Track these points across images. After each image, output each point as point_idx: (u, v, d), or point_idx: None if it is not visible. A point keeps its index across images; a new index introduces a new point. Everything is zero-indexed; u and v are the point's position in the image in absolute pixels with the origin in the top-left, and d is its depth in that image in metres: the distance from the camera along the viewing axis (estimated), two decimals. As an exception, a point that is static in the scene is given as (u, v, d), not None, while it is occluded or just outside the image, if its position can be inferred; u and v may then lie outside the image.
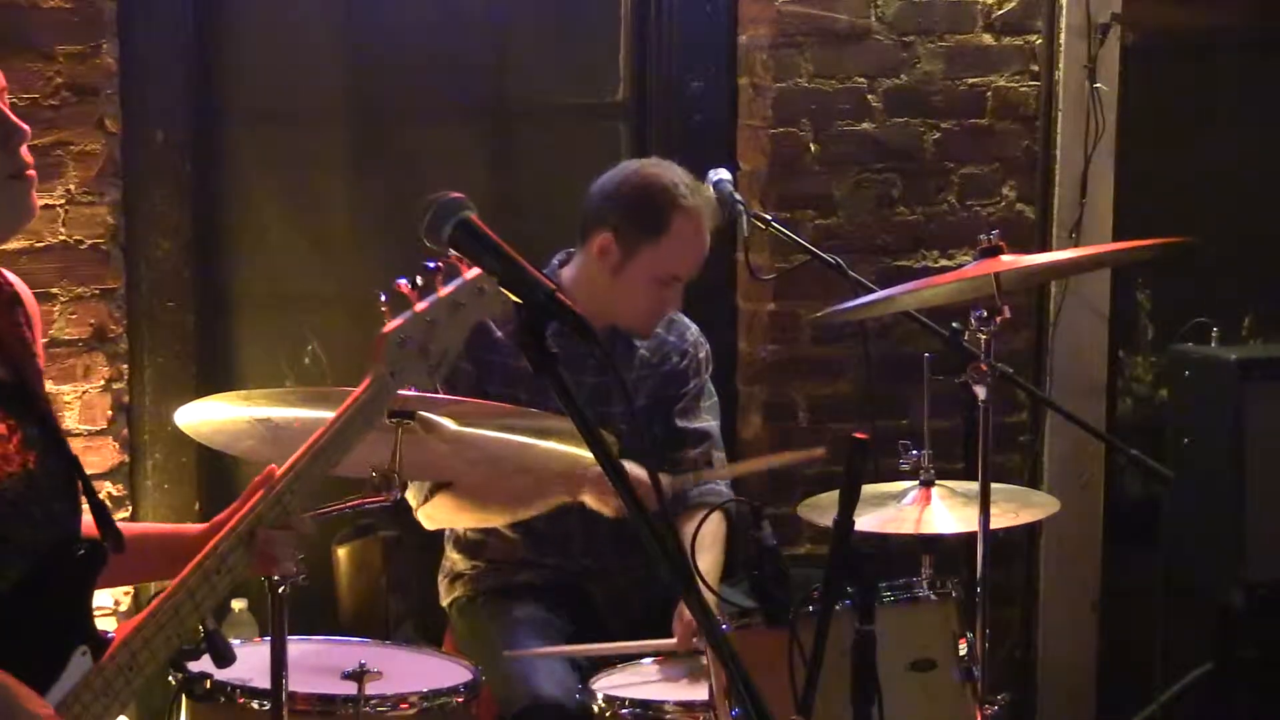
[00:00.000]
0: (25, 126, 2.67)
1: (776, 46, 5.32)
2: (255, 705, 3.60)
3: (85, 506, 2.81)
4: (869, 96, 5.42)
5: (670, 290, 4.35)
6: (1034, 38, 5.50)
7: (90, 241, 4.89)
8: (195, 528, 2.94)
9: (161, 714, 3.81)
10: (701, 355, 4.58)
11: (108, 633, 2.70)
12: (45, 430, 2.74)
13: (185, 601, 2.70)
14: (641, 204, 4.32)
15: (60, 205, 4.84)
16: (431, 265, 2.88)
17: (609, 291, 4.35)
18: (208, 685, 3.61)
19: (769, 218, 4.60)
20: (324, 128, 5.35)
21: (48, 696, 2.57)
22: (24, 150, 2.67)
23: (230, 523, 2.78)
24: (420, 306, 2.88)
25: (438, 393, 3.16)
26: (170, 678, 3.67)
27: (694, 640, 3.95)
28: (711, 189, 4.40)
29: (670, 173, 4.36)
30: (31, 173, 2.67)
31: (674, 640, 4.05)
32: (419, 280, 2.89)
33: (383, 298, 2.89)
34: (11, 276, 2.87)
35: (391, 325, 2.87)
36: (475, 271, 2.89)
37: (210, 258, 5.21)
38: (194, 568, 2.71)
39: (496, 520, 4.44)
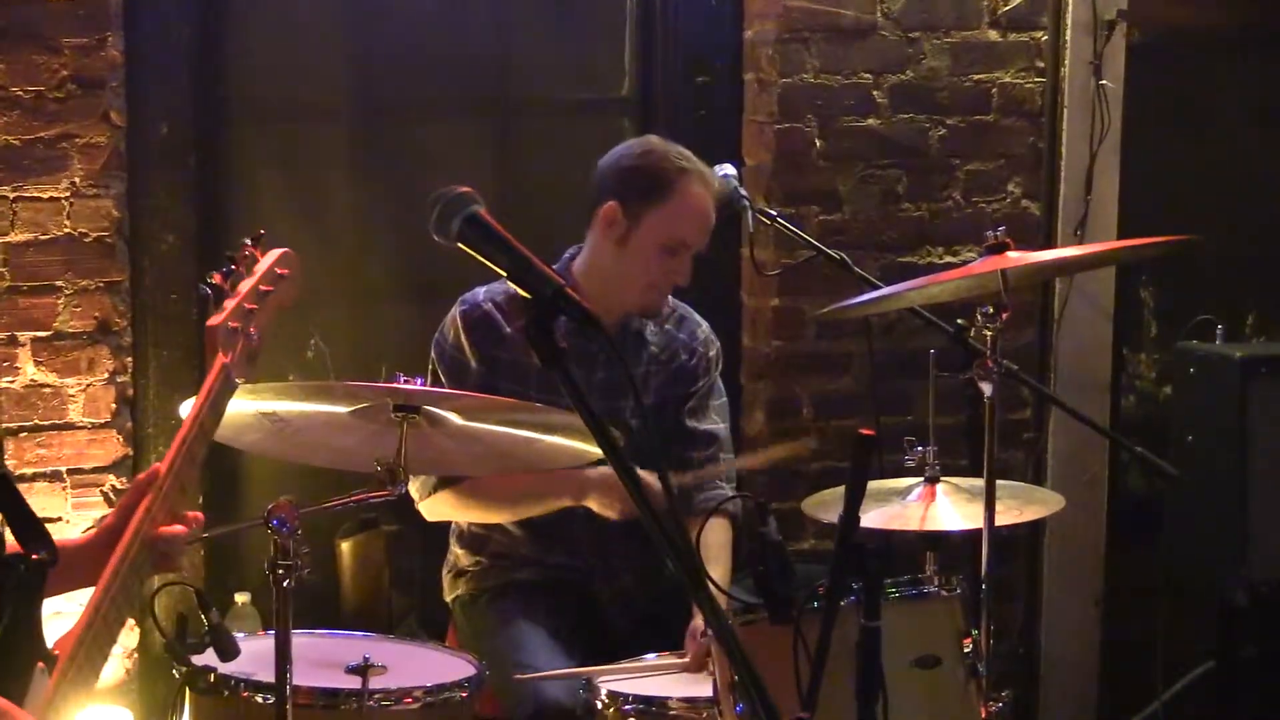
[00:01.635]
0: None
1: (782, 42, 5.33)
2: (259, 699, 3.59)
3: None
4: (874, 92, 5.42)
5: (678, 260, 4.34)
6: (1039, 34, 5.50)
7: (95, 234, 4.89)
8: (82, 538, 2.95)
9: (165, 707, 3.81)
10: (712, 353, 4.56)
11: (53, 649, 2.71)
12: None
13: (111, 610, 2.73)
14: (644, 170, 4.33)
15: (65, 198, 4.84)
16: (233, 256, 2.95)
17: (617, 265, 4.34)
18: (211, 679, 3.63)
19: (774, 213, 4.60)
20: (329, 122, 5.35)
21: None
22: None
23: (130, 526, 2.79)
24: (236, 297, 2.93)
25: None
26: (174, 671, 3.67)
27: (707, 659, 3.94)
28: (720, 180, 4.41)
29: (669, 143, 4.40)
30: None
31: (685, 659, 4.05)
32: (229, 269, 2.93)
33: (204, 289, 2.94)
34: None
35: (219, 316, 2.92)
36: (270, 259, 2.95)
37: (214, 252, 5.19)
38: (112, 577, 2.73)
39: (499, 518, 4.43)
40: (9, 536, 2.79)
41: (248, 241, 2.93)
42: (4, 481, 2.78)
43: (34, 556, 2.74)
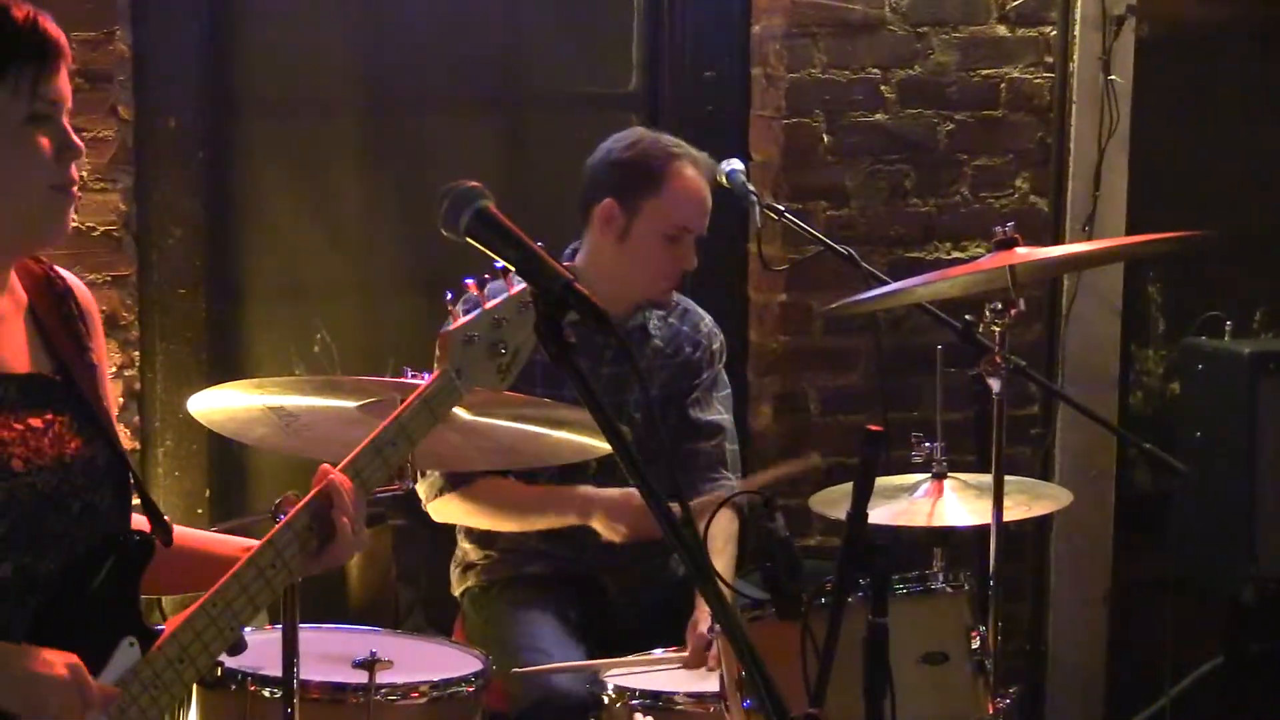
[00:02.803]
0: (82, 146, 2.67)
1: (790, 37, 5.32)
2: (266, 693, 3.60)
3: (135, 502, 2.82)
4: (882, 87, 5.42)
5: (681, 246, 4.34)
6: (1048, 29, 5.49)
7: (103, 228, 4.89)
8: (242, 543, 2.92)
9: (169, 710, 3.80)
10: (715, 346, 4.57)
11: (158, 626, 2.70)
12: (89, 424, 2.74)
13: (238, 596, 2.69)
14: (636, 161, 4.33)
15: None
16: (501, 265, 2.88)
17: (620, 261, 4.35)
18: (219, 672, 3.63)
19: (781, 208, 4.61)
20: (337, 117, 5.35)
21: None
22: (74, 168, 2.66)
23: (287, 517, 2.77)
24: (490, 304, 2.88)
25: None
26: (180, 664, 3.68)
27: (706, 655, 3.95)
28: (722, 172, 4.42)
29: (655, 133, 4.43)
30: (75, 190, 2.67)
31: (684, 654, 4.05)
32: (486, 278, 2.88)
33: (449, 296, 2.89)
34: (65, 273, 2.88)
35: (456, 323, 2.86)
36: None
37: (222, 246, 5.22)
38: (247, 563, 2.70)
39: (505, 527, 4.43)
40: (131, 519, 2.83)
41: (469, 241, 2.87)
42: (126, 465, 2.80)
43: (145, 533, 2.75)
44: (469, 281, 2.89)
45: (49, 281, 2.83)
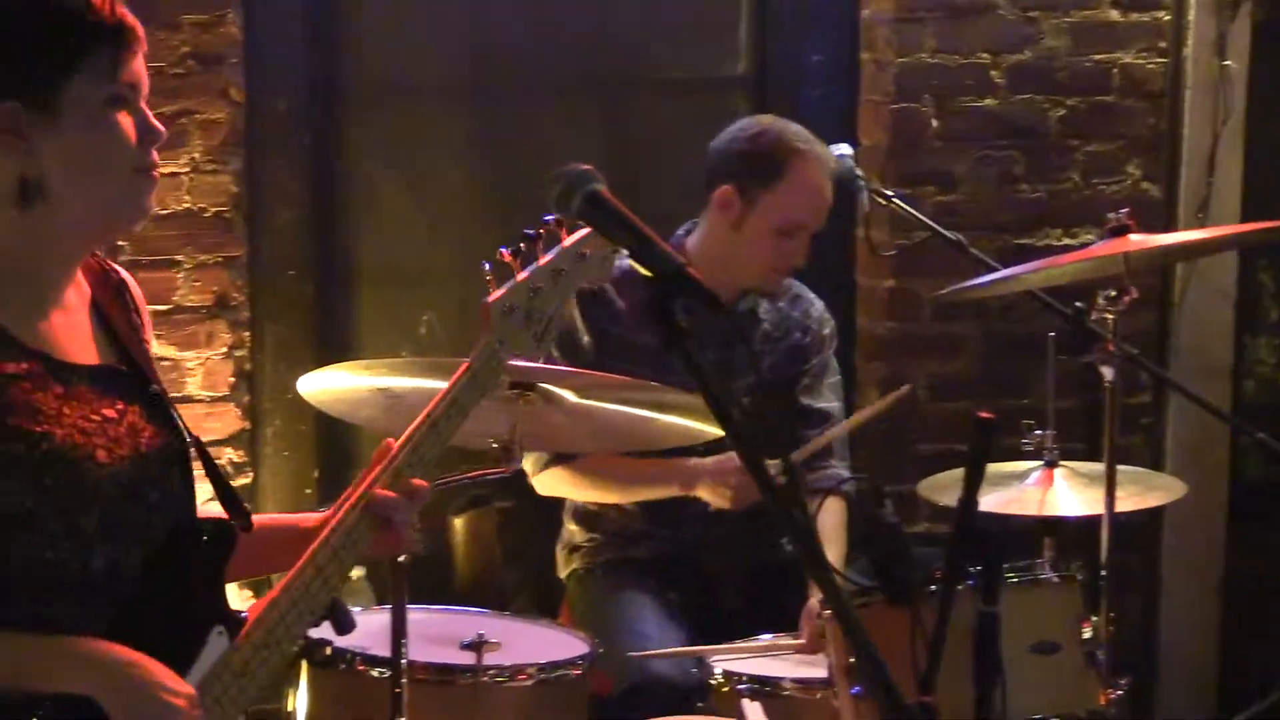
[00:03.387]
0: (162, 130, 2.68)
1: (899, 21, 5.30)
2: (375, 673, 3.61)
3: (198, 488, 2.83)
4: (992, 72, 5.38)
5: (794, 241, 4.32)
6: (1162, 14, 5.44)
7: (214, 209, 4.94)
8: (314, 516, 2.93)
9: (281, 679, 3.83)
10: (826, 331, 4.55)
11: (241, 612, 2.70)
12: (159, 413, 2.76)
13: (315, 578, 2.69)
14: (758, 152, 4.31)
15: (185, 173, 4.90)
16: (531, 233, 2.87)
17: (733, 248, 4.33)
18: (327, 652, 3.66)
19: (889, 194, 4.58)
20: (444, 100, 5.38)
21: (188, 677, 2.58)
22: (154, 152, 2.68)
23: (352, 498, 2.78)
24: (523, 275, 2.86)
25: (543, 361, 3.14)
26: (290, 643, 3.70)
27: (823, 640, 3.93)
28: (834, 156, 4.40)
29: (784, 123, 4.38)
30: (156, 174, 2.68)
31: (800, 641, 4.04)
32: (521, 247, 2.87)
33: (486, 267, 2.88)
34: (117, 266, 2.89)
35: (496, 294, 2.85)
36: (575, 237, 2.89)
37: (330, 228, 5.26)
38: (321, 544, 2.70)
39: (610, 499, 4.45)
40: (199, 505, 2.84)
41: (549, 218, 2.88)
42: (201, 449, 2.82)
43: (225, 521, 2.76)
44: (504, 250, 2.88)
45: (105, 274, 2.83)
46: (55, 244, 2.66)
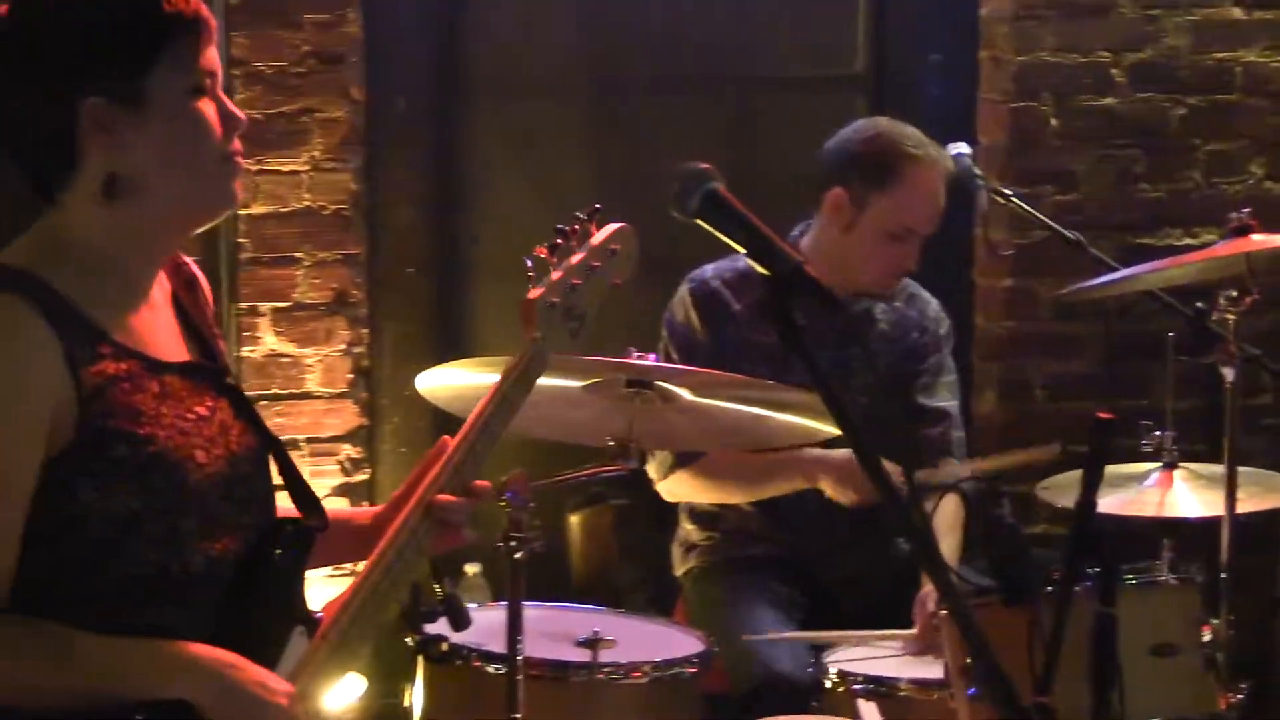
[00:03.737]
0: (243, 117, 2.69)
1: (1018, 19, 5.28)
2: (491, 669, 3.63)
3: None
4: (1113, 70, 5.35)
5: (905, 245, 4.31)
6: (1287, 12, 5.39)
7: (333, 207, 4.98)
8: (370, 512, 2.95)
9: (398, 674, 3.86)
10: (942, 331, 4.53)
11: (316, 613, 2.71)
12: (243, 410, 2.76)
13: (383, 580, 2.70)
14: (870, 155, 4.29)
15: (305, 171, 4.94)
16: (564, 229, 2.89)
17: (844, 250, 4.32)
18: (444, 647, 3.65)
19: (1008, 193, 4.54)
20: (563, 98, 5.40)
21: None
22: (237, 139, 2.68)
23: (414, 497, 2.79)
24: (559, 271, 2.88)
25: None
26: (408, 639, 3.72)
27: (934, 632, 3.91)
28: (949, 156, 4.37)
29: (899, 127, 4.35)
30: (240, 160, 2.69)
31: (913, 631, 4.03)
32: (557, 244, 2.89)
33: (528, 264, 2.89)
34: (187, 259, 2.87)
35: (536, 291, 2.87)
36: (605, 233, 2.90)
37: (449, 225, 5.28)
38: (388, 544, 2.71)
39: (736, 498, 4.45)
40: (280, 502, 2.84)
41: (580, 215, 2.91)
42: (279, 446, 2.83)
43: (304, 520, 2.77)
44: (541, 248, 2.89)
45: (177, 267, 2.82)
46: (145, 238, 2.64)
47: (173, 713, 2.49)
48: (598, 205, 2.88)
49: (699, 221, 2.53)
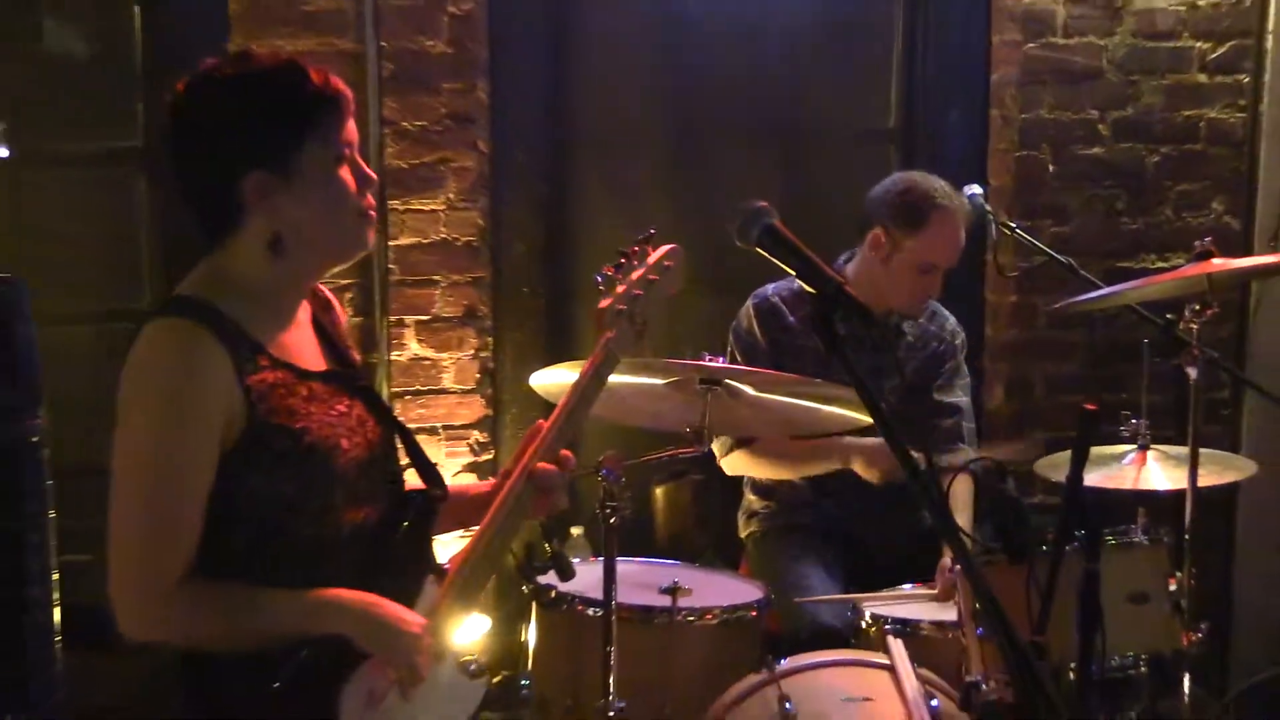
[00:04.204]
0: (375, 177, 2.70)
1: (1023, 84, 5.25)
2: (590, 612, 3.65)
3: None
4: (1099, 125, 5.31)
5: (931, 277, 4.30)
6: (1243, 77, 5.34)
7: (464, 239, 4.99)
8: (486, 484, 2.97)
9: (515, 617, 3.88)
10: (958, 341, 4.52)
11: (444, 564, 2.75)
12: (375, 406, 2.80)
13: (496, 535, 2.74)
14: (906, 204, 4.28)
15: (441, 210, 4.95)
16: (626, 251, 2.90)
17: (881, 279, 4.32)
18: (552, 595, 3.68)
19: (1013, 225, 4.53)
20: (645, 150, 5.37)
21: None
22: (370, 195, 2.70)
23: (516, 470, 2.81)
24: (623, 285, 2.90)
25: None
26: (524, 588, 3.74)
27: (953, 591, 3.91)
28: (966, 199, 4.36)
29: (930, 181, 4.32)
30: (373, 213, 2.70)
31: (935, 590, 4.02)
32: (621, 262, 2.90)
33: (598, 279, 2.90)
34: (322, 286, 2.91)
35: (606, 301, 2.89)
36: (659, 253, 2.91)
37: (557, 254, 5.28)
38: (499, 507, 2.75)
39: (783, 475, 4.45)
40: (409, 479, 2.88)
41: (640, 238, 2.93)
42: (407, 433, 2.86)
43: (429, 491, 2.81)
44: (608, 267, 2.90)
45: (315, 294, 2.86)
46: (296, 278, 2.69)
47: (332, 644, 2.55)
48: (652, 230, 2.89)
49: (758, 249, 2.54)
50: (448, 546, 2.83)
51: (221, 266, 2.64)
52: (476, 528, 2.77)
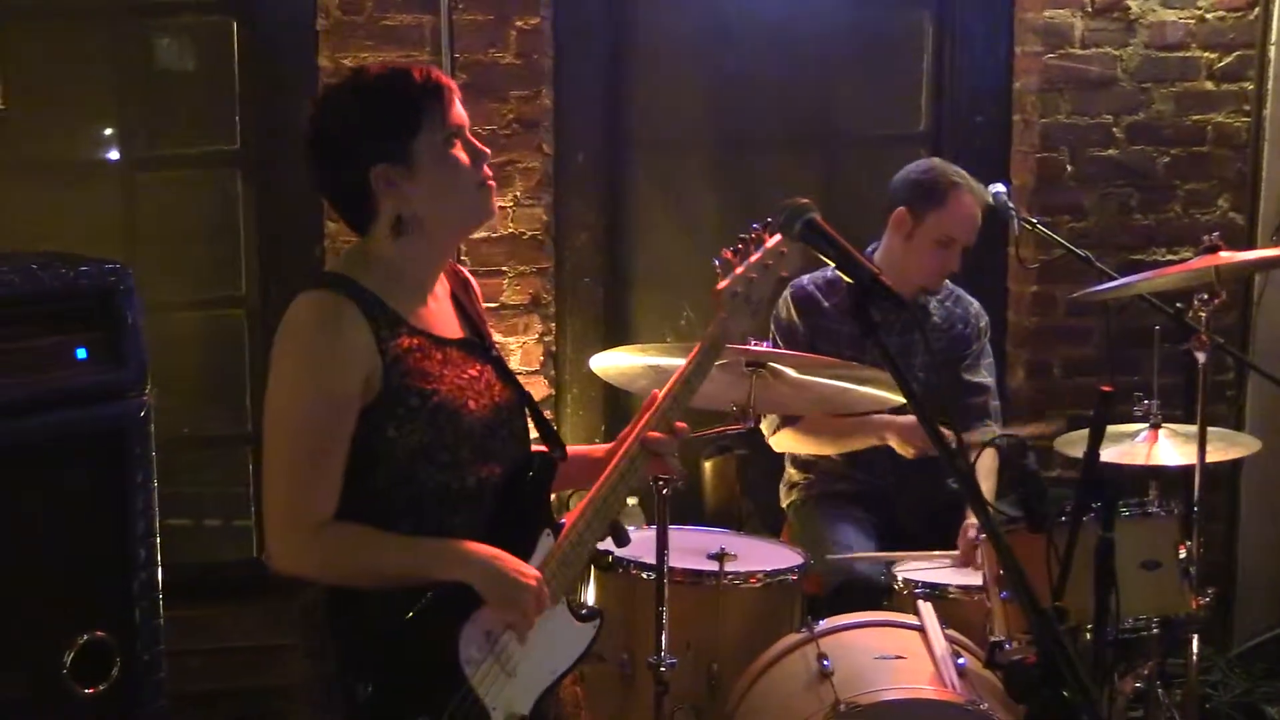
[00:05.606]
0: (487, 150, 2.75)
1: (1043, 91, 5.20)
2: (644, 576, 3.65)
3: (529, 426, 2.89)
4: (1114, 129, 5.25)
5: (950, 251, 4.29)
6: (1247, 84, 5.27)
7: (530, 233, 4.98)
8: (603, 447, 2.99)
9: (579, 578, 3.88)
10: (982, 324, 4.49)
11: (560, 519, 2.78)
12: (501, 371, 2.82)
13: (609, 494, 2.79)
14: (926, 183, 4.30)
15: (510, 207, 4.95)
16: (745, 237, 2.90)
17: (904, 256, 4.31)
18: (609, 560, 3.69)
19: (1034, 221, 4.50)
20: (695, 152, 5.35)
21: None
22: (486, 166, 2.74)
23: (631, 435, 2.83)
24: (740, 268, 2.90)
25: (756, 333, 3.15)
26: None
27: (974, 554, 3.88)
28: (989, 194, 4.33)
29: (947, 164, 4.37)
30: (492, 183, 2.74)
31: (957, 553, 4.00)
32: (738, 247, 2.90)
33: (716, 263, 2.90)
34: (461, 267, 2.98)
35: (724, 283, 2.90)
36: (774, 239, 2.90)
37: (615, 247, 5.28)
38: (613, 469, 2.79)
39: (825, 451, 4.43)
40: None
41: (756, 225, 2.93)
42: (530, 400, 2.88)
43: (549, 452, 2.83)
44: (727, 251, 2.90)
45: (456, 273, 2.92)
46: (427, 252, 2.74)
47: (454, 590, 2.59)
48: (769, 218, 2.86)
49: (801, 242, 2.53)
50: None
51: (364, 249, 2.72)
52: (591, 489, 2.81)
